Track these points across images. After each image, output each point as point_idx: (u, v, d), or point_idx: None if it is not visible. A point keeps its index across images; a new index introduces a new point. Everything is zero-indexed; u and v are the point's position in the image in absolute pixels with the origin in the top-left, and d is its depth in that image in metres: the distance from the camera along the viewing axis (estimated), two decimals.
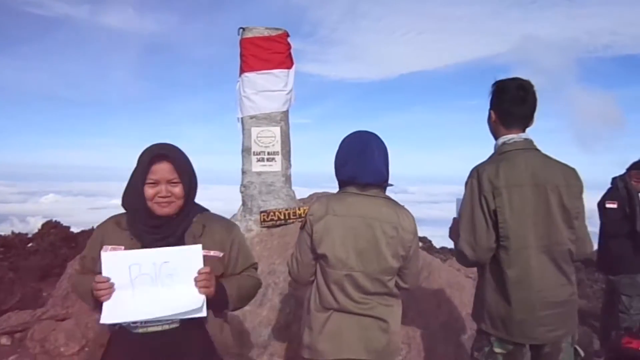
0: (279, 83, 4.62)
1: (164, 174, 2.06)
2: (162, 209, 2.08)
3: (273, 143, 4.70)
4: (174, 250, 2.03)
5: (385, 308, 2.34)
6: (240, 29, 4.69)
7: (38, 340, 4.35)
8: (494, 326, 2.46)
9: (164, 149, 2.11)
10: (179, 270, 2.01)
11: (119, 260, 2.00)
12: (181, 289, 2.00)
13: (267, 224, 4.58)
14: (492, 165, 2.48)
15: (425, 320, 4.01)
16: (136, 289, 1.99)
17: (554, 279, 2.45)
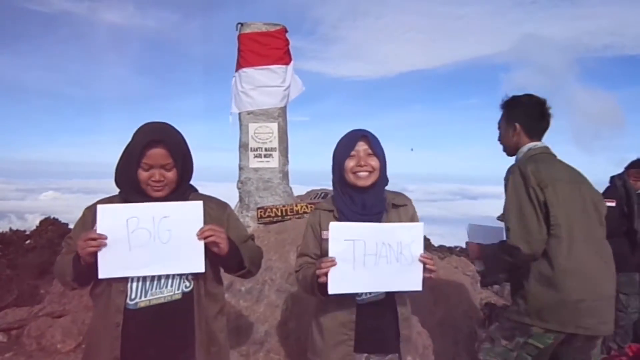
0: (277, 79, 4.61)
1: (157, 160, 2.04)
2: (156, 193, 2.06)
3: (270, 139, 4.69)
4: (174, 205, 2.04)
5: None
6: (238, 25, 4.68)
7: (34, 337, 4.34)
8: (540, 318, 2.52)
9: (159, 132, 2.08)
10: (179, 226, 2.01)
11: (117, 213, 1.98)
12: (180, 244, 2.01)
13: (264, 220, 4.57)
14: (531, 163, 2.65)
15: (422, 317, 4.01)
16: (133, 243, 1.98)
17: (603, 272, 2.61)
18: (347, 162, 2.22)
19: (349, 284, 2.10)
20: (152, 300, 2.04)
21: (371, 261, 2.09)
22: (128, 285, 2.03)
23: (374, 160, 2.23)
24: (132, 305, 2.02)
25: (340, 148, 2.27)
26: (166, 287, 2.06)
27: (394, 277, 2.11)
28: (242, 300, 4.01)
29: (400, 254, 2.10)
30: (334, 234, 2.08)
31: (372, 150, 2.23)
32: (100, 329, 2.06)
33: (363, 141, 2.23)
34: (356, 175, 2.21)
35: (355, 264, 2.09)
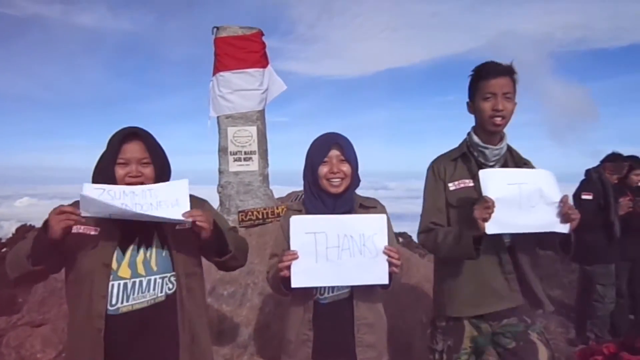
0: (254, 82, 4.61)
1: (134, 154, 2.04)
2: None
3: (250, 142, 4.69)
4: (159, 186, 2.05)
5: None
6: (214, 28, 4.67)
7: (14, 347, 4.27)
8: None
9: (134, 128, 2.09)
10: (166, 205, 2.02)
11: (108, 195, 1.97)
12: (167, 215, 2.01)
13: (245, 223, 4.57)
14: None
15: (403, 316, 4.05)
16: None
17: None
18: (320, 168, 2.24)
19: (312, 277, 2.09)
20: (134, 305, 2.01)
21: (334, 254, 2.08)
22: (108, 290, 1.99)
23: (346, 166, 2.25)
24: (112, 311, 1.98)
25: (314, 153, 2.29)
26: (148, 291, 2.02)
27: (358, 270, 2.09)
28: (225, 304, 4.01)
29: (363, 246, 2.09)
30: (295, 227, 2.08)
31: (345, 156, 2.25)
32: (80, 336, 2.01)
33: (335, 148, 2.25)
34: (329, 182, 2.23)
35: (318, 257, 2.08)
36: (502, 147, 2.44)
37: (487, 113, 2.38)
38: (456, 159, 2.53)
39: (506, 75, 2.38)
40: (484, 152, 2.44)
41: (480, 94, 2.41)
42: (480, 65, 2.45)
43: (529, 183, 2.25)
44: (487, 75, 2.39)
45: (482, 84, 2.40)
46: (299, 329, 2.24)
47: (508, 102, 2.37)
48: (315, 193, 2.29)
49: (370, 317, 2.26)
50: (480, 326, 2.46)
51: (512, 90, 2.39)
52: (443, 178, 2.49)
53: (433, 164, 2.59)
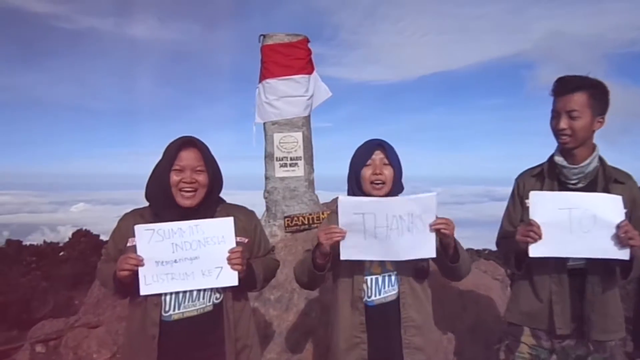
0: (300, 89, 4.64)
1: (190, 161, 2.11)
2: (186, 200, 2.12)
3: (295, 148, 4.72)
4: (208, 222, 2.12)
5: None
6: (260, 36, 4.74)
7: (71, 348, 4.45)
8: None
9: (191, 137, 2.17)
10: (209, 243, 2.09)
11: (158, 235, 2.06)
12: (212, 259, 2.10)
13: (291, 229, 4.60)
14: None
15: (451, 323, 3.98)
16: (176, 262, 2.08)
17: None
18: (363, 171, 2.26)
19: (361, 252, 2.13)
20: (185, 312, 2.11)
21: (382, 232, 2.12)
22: (162, 298, 2.09)
23: (389, 170, 2.26)
24: (166, 318, 2.09)
25: (357, 157, 2.32)
26: (198, 300, 2.13)
27: (406, 246, 2.13)
28: (271, 308, 4.05)
29: (411, 224, 2.12)
30: (343, 208, 2.12)
31: (388, 160, 2.26)
32: (136, 341, 2.13)
33: (379, 150, 2.27)
34: (372, 185, 2.24)
35: (367, 234, 2.12)
36: (587, 165, 2.37)
37: (554, 131, 2.40)
38: (537, 175, 2.53)
39: (575, 92, 2.32)
40: (563, 172, 2.41)
41: (552, 112, 2.42)
42: (555, 81, 2.42)
43: (583, 208, 2.21)
44: (555, 92, 2.39)
45: (553, 101, 2.41)
46: (350, 332, 2.25)
47: (574, 120, 2.31)
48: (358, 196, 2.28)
49: (417, 319, 2.25)
50: (540, 338, 2.45)
51: (584, 106, 2.31)
52: (522, 194, 2.50)
53: (517, 178, 2.62)
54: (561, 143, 2.37)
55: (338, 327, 2.30)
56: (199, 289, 2.11)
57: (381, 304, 2.24)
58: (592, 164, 2.37)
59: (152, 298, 2.08)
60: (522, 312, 2.51)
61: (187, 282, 2.08)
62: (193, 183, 2.11)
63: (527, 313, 2.47)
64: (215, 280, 2.09)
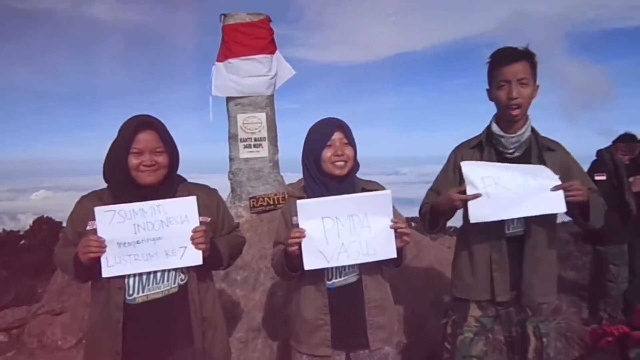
0: (262, 68, 4.61)
1: (148, 143, 2.07)
2: (147, 178, 2.08)
3: (259, 129, 4.71)
4: (170, 201, 2.10)
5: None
6: (222, 16, 4.67)
7: (35, 335, 4.39)
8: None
9: (147, 117, 2.12)
10: (174, 222, 2.08)
11: (119, 217, 2.04)
12: (176, 241, 2.09)
13: (256, 209, 4.61)
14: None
15: (415, 297, 4.08)
16: (139, 244, 2.07)
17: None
18: (324, 152, 2.24)
19: (323, 259, 2.13)
20: (149, 295, 2.10)
21: (343, 233, 2.12)
22: (125, 281, 2.08)
23: (349, 149, 2.26)
24: (130, 301, 2.07)
25: (316, 137, 2.28)
26: (163, 282, 2.12)
27: (367, 247, 2.13)
28: (238, 289, 4.07)
29: (370, 224, 2.13)
30: (302, 210, 2.11)
31: (347, 140, 2.27)
32: (100, 326, 2.11)
33: (339, 131, 2.26)
34: (334, 164, 2.23)
35: (328, 238, 2.12)
36: (522, 134, 2.42)
37: (503, 102, 2.38)
38: (475, 146, 2.56)
39: (521, 60, 2.34)
40: (501, 141, 2.45)
41: (495, 82, 2.40)
42: (495, 52, 2.43)
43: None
44: (501, 62, 2.37)
45: (496, 72, 2.39)
46: (314, 314, 2.27)
47: (524, 87, 2.34)
48: (317, 178, 2.29)
49: (379, 299, 2.30)
50: (487, 308, 2.54)
51: (529, 75, 2.35)
52: (459, 165, 2.49)
53: (454, 150, 2.64)
54: (513, 113, 2.37)
55: (301, 309, 2.33)
56: (163, 271, 2.10)
57: (342, 286, 2.27)
58: (526, 132, 2.43)
59: (115, 282, 2.06)
60: (465, 285, 2.56)
61: (150, 263, 2.06)
62: (153, 165, 2.08)
63: (471, 285, 2.53)
64: (180, 260, 2.08)
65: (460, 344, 2.55)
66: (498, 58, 2.40)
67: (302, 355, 2.33)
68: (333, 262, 2.14)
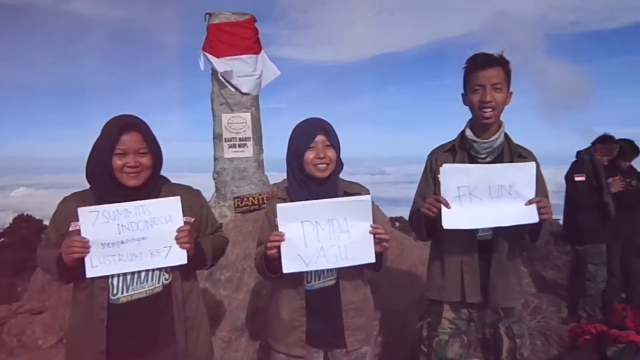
0: (247, 68, 4.61)
1: (132, 144, 2.06)
2: (131, 180, 2.08)
3: (244, 129, 4.71)
4: (154, 202, 2.10)
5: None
6: (206, 15, 4.66)
7: (15, 334, 4.33)
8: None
9: (131, 118, 2.11)
10: (159, 222, 2.09)
11: (103, 217, 2.04)
12: (160, 240, 2.09)
13: (241, 209, 4.61)
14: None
15: (399, 297, 4.11)
16: (123, 244, 2.06)
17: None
18: (306, 154, 2.25)
19: (302, 262, 2.14)
20: (133, 295, 2.10)
21: (322, 238, 2.14)
22: (109, 281, 2.07)
23: (331, 152, 2.27)
24: (114, 301, 2.07)
25: (299, 139, 2.29)
26: (147, 282, 2.12)
27: (346, 252, 2.15)
28: (222, 288, 4.07)
29: (349, 228, 2.15)
30: (282, 214, 2.12)
31: (330, 142, 2.27)
32: (83, 325, 2.10)
33: (321, 133, 2.26)
34: (316, 167, 2.25)
35: (307, 242, 2.13)
36: (495, 140, 2.45)
37: (476, 105, 2.42)
38: (449, 150, 2.59)
39: (496, 66, 2.38)
40: (474, 146, 2.48)
41: (470, 87, 2.44)
42: (471, 57, 2.46)
43: (493, 178, 2.26)
44: (476, 67, 2.41)
45: (471, 76, 2.43)
46: (290, 315, 2.30)
47: (497, 92, 2.38)
48: (299, 180, 2.31)
49: (357, 301, 2.33)
50: (460, 310, 2.58)
51: (503, 80, 2.39)
52: (434, 169, 2.54)
53: (430, 155, 2.67)
54: (485, 117, 2.40)
55: (279, 309, 2.35)
56: (147, 270, 2.11)
57: (321, 289, 2.30)
58: (499, 138, 2.46)
59: (99, 282, 2.05)
60: (438, 287, 2.60)
61: (135, 263, 2.07)
62: (137, 167, 2.07)
63: (443, 287, 2.57)
64: (164, 259, 2.09)
65: (436, 346, 2.58)
66: (474, 63, 2.43)
67: (279, 354, 2.36)
68: (312, 265, 2.16)
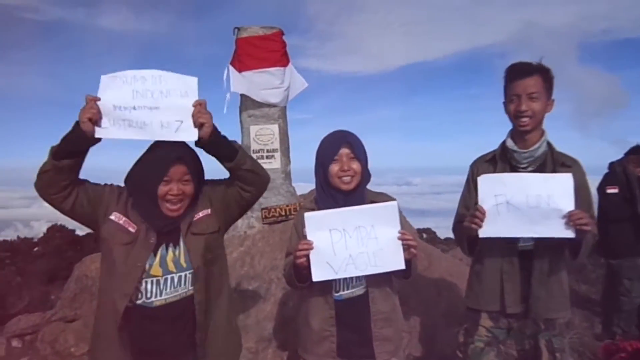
0: (275, 80, 4.67)
1: (177, 175, 2.09)
2: (171, 211, 2.11)
3: (272, 140, 4.76)
4: (171, 75, 2.10)
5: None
6: (235, 29, 4.74)
7: (48, 342, 4.43)
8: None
9: (180, 150, 2.12)
10: (175, 94, 2.08)
11: (120, 81, 2.05)
12: (172, 113, 2.08)
13: (268, 220, 4.64)
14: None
15: (426, 308, 4.07)
16: (135, 110, 2.05)
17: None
18: (331, 167, 2.26)
19: (331, 270, 2.14)
20: (168, 299, 2.11)
21: (350, 244, 2.13)
22: (142, 286, 2.09)
23: (356, 164, 2.27)
24: (148, 303, 2.09)
25: (324, 152, 2.31)
26: (180, 286, 2.13)
27: (375, 259, 2.14)
28: (249, 299, 4.09)
29: (377, 235, 2.14)
30: (310, 223, 2.13)
31: (354, 154, 2.27)
32: (105, 328, 2.12)
33: (345, 146, 2.27)
34: (340, 180, 2.26)
35: (335, 250, 2.13)
36: (536, 149, 2.44)
37: (513, 114, 2.44)
38: (490, 160, 2.60)
39: (533, 75, 2.39)
40: (514, 156, 2.48)
41: (508, 96, 2.47)
42: (509, 67, 2.48)
43: (532, 188, 2.25)
44: (512, 77, 2.43)
45: (509, 86, 2.45)
46: (320, 326, 2.29)
47: (534, 102, 2.38)
48: (326, 191, 2.32)
49: (386, 311, 2.31)
50: (499, 319, 2.55)
51: (541, 89, 2.39)
52: (476, 179, 2.51)
53: (471, 164, 2.69)
54: (521, 126, 2.41)
55: (309, 319, 2.35)
56: (179, 277, 2.11)
57: (349, 298, 2.29)
58: (541, 148, 2.45)
59: (124, 287, 2.05)
60: (477, 295, 2.58)
61: (144, 131, 2.06)
62: (180, 195, 2.10)
63: (482, 296, 2.55)
64: (174, 133, 2.07)
65: (471, 353, 2.57)
66: (510, 73, 2.45)
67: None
68: (341, 273, 2.15)
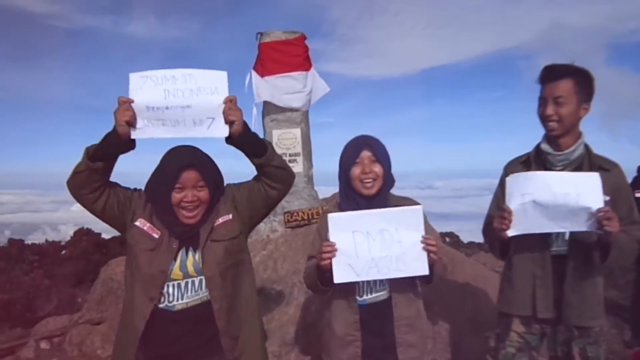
0: (298, 85, 4.69)
1: (190, 182, 2.10)
2: (187, 219, 2.12)
3: (294, 144, 4.77)
4: (200, 72, 2.11)
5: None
6: (258, 34, 4.78)
7: (76, 344, 4.51)
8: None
9: (190, 156, 2.14)
10: (206, 92, 2.10)
11: (151, 81, 2.07)
12: (204, 110, 2.09)
13: (291, 224, 4.65)
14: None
15: (451, 314, 4.03)
16: (168, 109, 2.07)
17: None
18: (352, 170, 2.26)
19: (353, 273, 2.12)
20: (189, 302, 2.12)
21: (373, 249, 2.11)
22: (164, 290, 2.12)
23: (378, 167, 2.25)
24: (169, 307, 2.10)
25: (346, 156, 2.32)
26: (201, 289, 2.13)
27: (398, 263, 2.10)
28: (272, 303, 4.11)
29: (400, 239, 2.10)
30: (333, 224, 2.12)
31: (376, 157, 2.26)
32: (126, 329, 2.14)
33: (366, 149, 2.27)
34: (362, 183, 2.25)
35: (358, 252, 2.11)
36: (572, 152, 2.40)
37: (540, 118, 2.43)
38: (524, 162, 2.56)
39: (562, 79, 2.35)
40: (548, 159, 2.45)
41: (539, 99, 2.45)
42: (542, 69, 2.44)
43: (559, 186, 2.22)
44: (541, 79, 2.42)
45: (541, 89, 2.43)
46: (344, 330, 2.28)
47: (561, 106, 2.34)
48: (349, 195, 2.31)
49: (410, 317, 2.28)
50: (531, 325, 2.50)
51: (571, 92, 2.34)
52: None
53: (505, 166, 2.65)
54: (548, 130, 2.40)
55: (332, 324, 2.33)
56: (200, 281, 2.12)
57: (373, 303, 2.27)
58: (577, 151, 2.40)
59: (148, 291, 2.08)
60: (508, 299, 2.54)
61: (177, 130, 2.09)
62: (195, 201, 2.11)
63: (513, 300, 2.51)
64: (207, 130, 2.10)
65: (502, 358, 2.53)
66: (541, 75, 2.43)
67: None
68: (363, 276, 2.13)
